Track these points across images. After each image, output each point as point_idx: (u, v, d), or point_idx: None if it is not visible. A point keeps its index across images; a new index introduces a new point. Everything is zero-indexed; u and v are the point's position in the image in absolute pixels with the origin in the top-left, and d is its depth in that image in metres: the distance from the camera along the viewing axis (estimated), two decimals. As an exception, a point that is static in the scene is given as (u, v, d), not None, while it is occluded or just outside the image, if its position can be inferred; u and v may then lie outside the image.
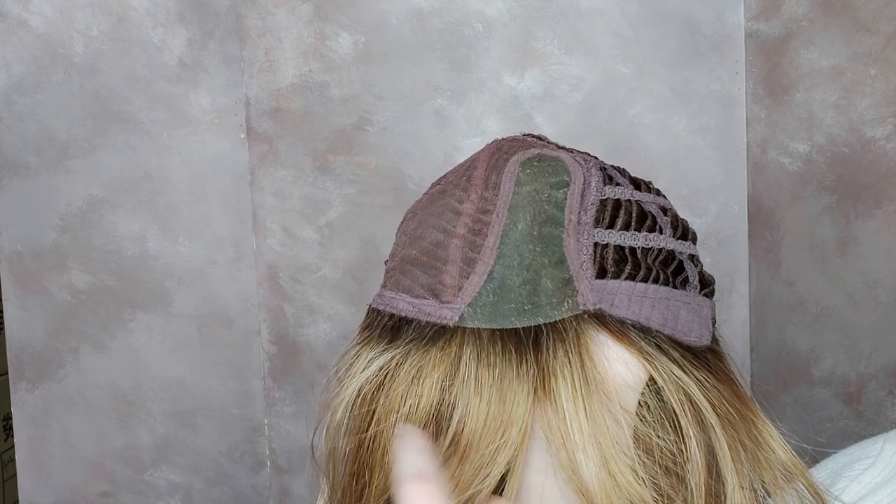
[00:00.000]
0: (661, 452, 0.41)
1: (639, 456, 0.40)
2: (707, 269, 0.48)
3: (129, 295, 0.99)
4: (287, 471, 1.01)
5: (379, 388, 0.42)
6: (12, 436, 1.02)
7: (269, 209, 0.98)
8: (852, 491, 0.47)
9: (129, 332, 1.00)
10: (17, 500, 1.05)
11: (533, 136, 0.49)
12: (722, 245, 0.96)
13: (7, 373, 1.02)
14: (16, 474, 1.10)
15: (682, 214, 0.49)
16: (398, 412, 0.41)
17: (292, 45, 0.96)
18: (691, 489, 0.40)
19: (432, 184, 0.48)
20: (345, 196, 0.97)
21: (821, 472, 0.49)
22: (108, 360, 1.00)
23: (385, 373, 0.42)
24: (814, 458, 0.52)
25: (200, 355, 1.00)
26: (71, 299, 1.00)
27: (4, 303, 1.00)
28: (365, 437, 0.43)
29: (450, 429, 0.40)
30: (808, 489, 0.43)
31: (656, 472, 0.40)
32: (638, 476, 0.39)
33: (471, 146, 0.95)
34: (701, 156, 0.95)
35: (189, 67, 0.97)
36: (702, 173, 0.95)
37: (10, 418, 1.04)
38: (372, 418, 0.43)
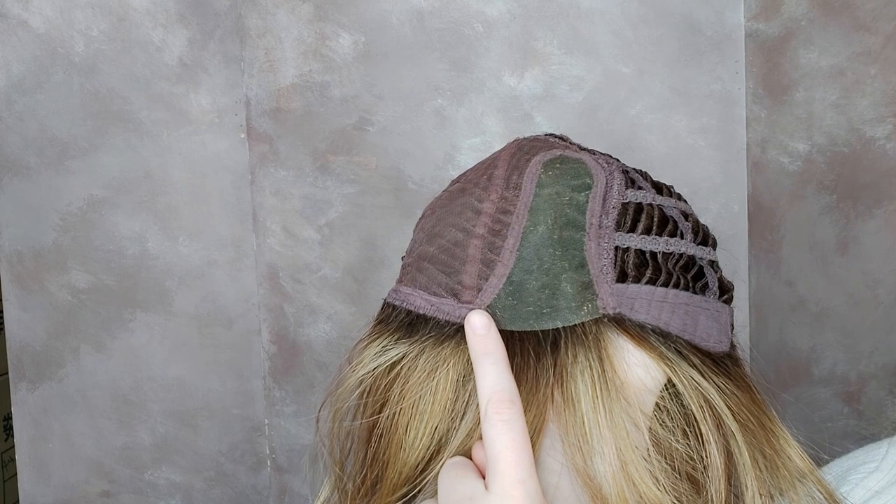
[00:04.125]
0: (681, 458, 0.41)
1: (658, 462, 0.40)
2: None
3: (129, 295, 0.99)
4: (287, 470, 1.01)
5: (395, 378, 0.42)
6: (12, 436, 1.03)
7: (269, 209, 0.98)
8: (857, 495, 0.47)
9: (129, 332, 1.00)
10: (18, 500, 1.05)
11: (555, 137, 0.48)
12: (722, 245, 0.95)
13: (7, 373, 1.02)
14: (16, 474, 1.10)
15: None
16: (413, 406, 0.41)
17: (292, 45, 0.96)
18: (711, 495, 0.40)
19: (452, 181, 0.48)
20: (345, 196, 0.97)
21: (825, 476, 0.49)
22: (108, 359, 1.00)
23: (400, 364, 0.42)
24: (814, 459, 0.52)
25: (201, 355, 1.00)
26: (71, 299, 1.00)
27: (4, 303, 1.00)
28: (377, 426, 0.43)
29: (460, 428, 0.40)
30: (823, 494, 0.43)
31: (675, 477, 0.40)
32: (658, 482, 0.39)
33: (471, 146, 0.95)
34: (701, 155, 0.95)
35: (189, 67, 0.97)
36: (702, 173, 0.95)
37: (11, 418, 1.04)
38: (385, 404, 0.42)
